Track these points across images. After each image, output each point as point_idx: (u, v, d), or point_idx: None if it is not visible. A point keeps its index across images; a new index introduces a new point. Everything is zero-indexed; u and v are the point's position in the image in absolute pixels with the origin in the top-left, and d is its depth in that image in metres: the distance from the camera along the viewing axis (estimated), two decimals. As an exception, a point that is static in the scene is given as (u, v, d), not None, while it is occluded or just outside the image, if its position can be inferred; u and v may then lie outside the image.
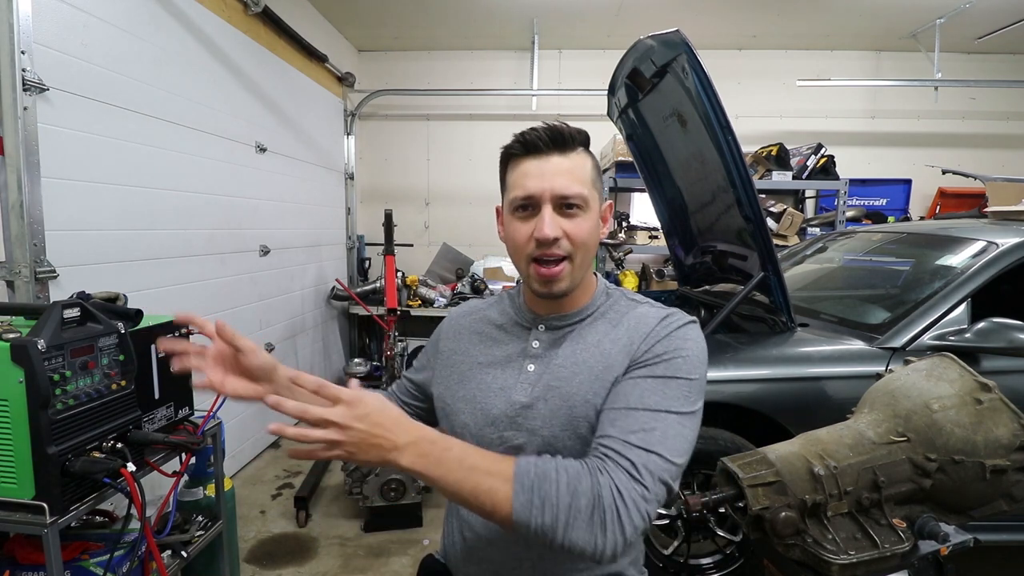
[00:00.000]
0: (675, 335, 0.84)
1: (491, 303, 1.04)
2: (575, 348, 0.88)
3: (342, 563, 2.24)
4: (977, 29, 4.17)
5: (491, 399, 0.89)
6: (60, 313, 1.18)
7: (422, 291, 4.33)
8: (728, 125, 1.85)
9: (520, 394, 0.87)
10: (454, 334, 1.00)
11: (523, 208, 0.85)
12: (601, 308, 0.92)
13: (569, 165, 0.83)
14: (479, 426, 0.89)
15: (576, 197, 0.83)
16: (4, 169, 1.66)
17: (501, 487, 0.68)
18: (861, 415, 1.15)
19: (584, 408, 0.83)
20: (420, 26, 4.36)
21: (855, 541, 0.98)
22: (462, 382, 0.94)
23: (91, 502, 1.22)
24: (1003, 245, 1.90)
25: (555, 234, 0.82)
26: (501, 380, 0.90)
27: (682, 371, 0.80)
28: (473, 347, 0.96)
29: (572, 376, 0.85)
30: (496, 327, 0.97)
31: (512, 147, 0.87)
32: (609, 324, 0.90)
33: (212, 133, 2.70)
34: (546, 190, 0.82)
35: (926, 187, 4.72)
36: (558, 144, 0.83)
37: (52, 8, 1.81)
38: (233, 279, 2.92)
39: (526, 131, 0.85)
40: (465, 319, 1.02)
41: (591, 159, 0.88)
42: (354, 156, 4.68)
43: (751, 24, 4.24)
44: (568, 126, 0.85)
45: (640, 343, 0.84)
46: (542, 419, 0.85)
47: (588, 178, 0.85)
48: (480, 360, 0.94)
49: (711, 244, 2.53)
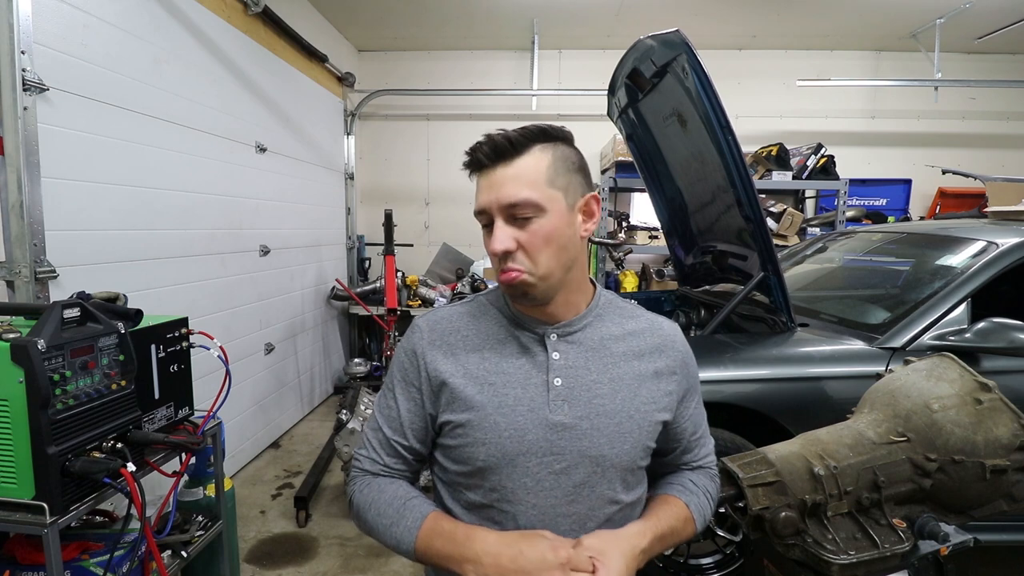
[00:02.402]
0: (690, 355, 0.95)
1: (476, 313, 0.91)
2: (604, 361, 0.87)
3: (342, 563, 2.24)
4: (977, 29, 4.17)
5: (519, 422, 0.81)
6: (60, 313, 1.18)
7: (422, 291, 4.34)
8: (728, 125, 1.85)
9: (557, 413, 0.82)
10: (446, 351, 0.87)
11: (484, 225, 0.84)
12: (606, 309, 0.92)
13: (514, 172, 0.79)
14: (509, 456, 0.81)
15: (522, 203, 0.78)
16: (4, 169, 1.66)
17: (691, 527, 0.92)
18: (861, 415, 1.15)
19: (629, 424, 0.84)
20: (420, 26, 4.36)
21: (855, 541, 0.98)
22: (473, 408, 0.82)
23: (91, 502, 1.22)
24: (1003, 245, 1.90)
25: (505, 246, 0.79)
26: (527, 400, 0.82)
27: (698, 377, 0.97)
28: (476, 366, 0.85)
29: (613, 393, 0.85)
30: (498, 341, 0.87)
31: (466, 165, 0.85)
32: (620, 328, 0.90)
33: (212, 133, 2.70)
34: (492, 203, 0.80)
35: (926, 187, 4.72)
36: (500, 154, 0.80)
37: (52, 8, 1.81)
38: (233, 279, 2.92)
39: (473, 147, 0.82)
40: (452, 336, 0.88)
41: (551, 155, 0.81)
42: (354, 156, 4.68)
43: (751, 24, 4.25)
44: (511, 132, 0.80)
45: (683, 369, 0.92)
46: (589, 439, 0.83)
47: (540, 179, 0.79)
48: (492, 380, 0.84)
49: (711, 244, 2.53)
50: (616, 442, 0.83)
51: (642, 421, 0.85)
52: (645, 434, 0.86)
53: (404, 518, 0.82)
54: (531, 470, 0.81)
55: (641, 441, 0.86)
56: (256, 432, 3.20)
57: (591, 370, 0.85)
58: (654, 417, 0.87)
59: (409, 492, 0.86)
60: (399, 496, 0.85)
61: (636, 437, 0.85)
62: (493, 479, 0.82)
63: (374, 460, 0.89)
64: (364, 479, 0.89)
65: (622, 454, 0.84)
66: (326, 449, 3.11)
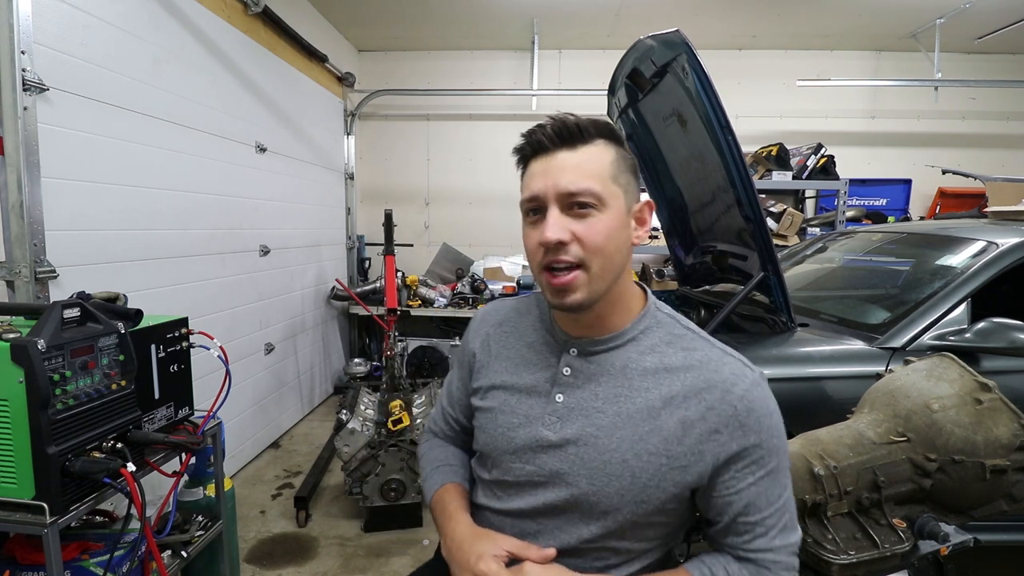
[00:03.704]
0: (761, 413, 0.75)
1: (523, 310, 0.94)
2: (617, 391, 0.78)
3: (342, 563, 2.23)
4: (977, 29, 4.17)
5: (514, 426, 0.83)
6: (60, 313, 1.18)
7: (422, 291, 4.34)
8: (728, 125, 1.84)
9: (547, 429, 0.80)
10: (482, 343, 0.93)
11: (533, 212, 0.77)
12: (646, 333, 0.81)
13: (578, 160, 0.74)
14: (499, 452, 0.84)
15: (585, 193, 0.73)
16: (4, 169, 1.66)
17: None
18: (861, 415, 1.15)
19: (620, 468, 0.75)
20: (420, 26, 4.36)
21: (855, 541, 0.98)
22: (487, 398, 0.88)
23: (91, 502, 1.22)
24: (1003, 245, 1.90)
25: (559, 236, 0.72)
26: (526, 407, 0.83)
27: (782, 451, 0.77)
28: (499, 363, 0.89)
29: (613, 428, 0.76)
30: (527, 345, 0.88)
31: (520, 148, 0.79)
32: (658, 360, 0.78)
33: (212, 133, 2.70)
34: (549, 188, 0.74)
35: (926, 187, 4.72)
36: (565, 139, 0.75)
37: (52, 8, 1.81)
38: (233, 279, 2.92)
39: (533, 128, 0.77)
40: (495, 329, 0.93)
41: (614, 152, 0.77)
42: (354, 156, 4.68)
43: (751, 24, 4.24)
44: (579, 118, 0.76)
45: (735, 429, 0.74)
46: (570, 465, 0.77)
47: (604, 173, 0.74)
48: (505, 379, 0.87)
49: (711, 244, 2.53)
50: (597, 480, 0.76)
51: (641, 472, 0.74)
52: (647, 489, 0.75)
53: (430, 479, 0.96)
54: (513, 471, 0.83)
55: (636, 493, 0.75)
56: (256, 432, 3.20)
57: (598, 396, 0.78)
58: (666, 474, 0.74)
59: (446, 458, 0.98)
60: (437, 459, 0.98)
61: (629, 486, 0.75)
62: (490, 465, 0.89)
63: (435, 422, 1.04)
64: (427, 435, 1.06)
65: (602, 497, 0.76)
66: (326, 449, 3.11)
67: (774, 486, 0.76)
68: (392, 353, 3.01)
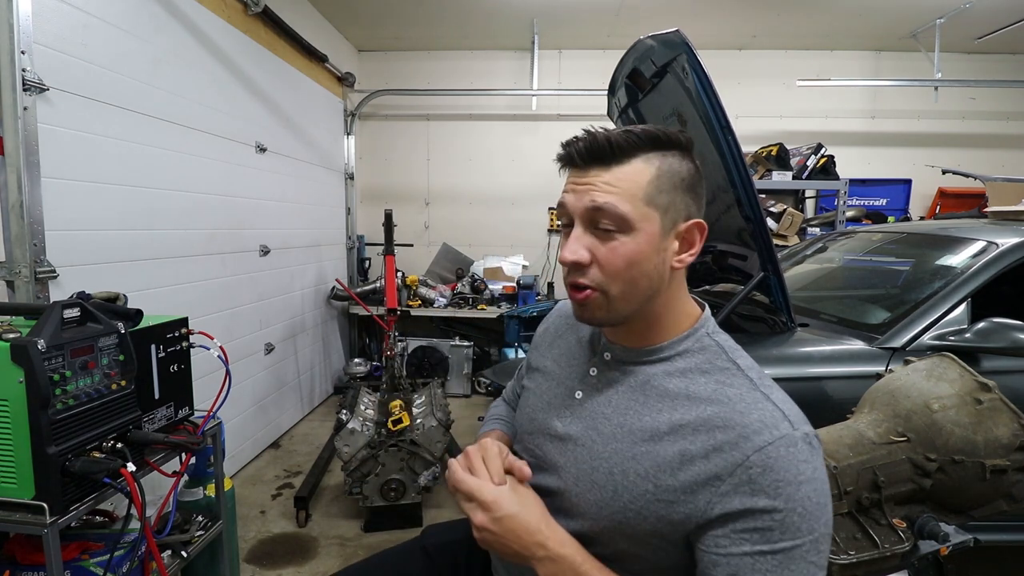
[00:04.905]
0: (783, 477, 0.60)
1: None
2: (629, 404, 0.75)
3: (342, 563, 2.23)
4: (977, 29, 4.17)
5: (537, 408, 0.88)
6: (60, 313, 1.18)
7: (422, 291, 4.34)
8: (728, 125, 1.84)
9: (559, 420, 0.81)
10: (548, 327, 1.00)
11: (565, 227, 0.75)
12: (683, 356, 0.75)
13: (608, 179, 0.70)
14: (522, 429, 0.90)
15: (609, 216, 0.69)
16: (4, 169, 1.66)
17: None
18: (861, 415, 1.15)
19: (605, 478, 0.71)
20: (420, 26, 4.36)
21: (855, 541, 0.98)
22: (531, 377, 0.95)
23: (91, 502, 1.22)
24: (1003, 245, 1.90)
25: (575, 257, 0.71)
26: (552, 395, 0.86)
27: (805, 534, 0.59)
28: (552, 350, 0.94)
29: (610, 438, 0.73)
30: (578, 339, 0.90)
31: (558, 158, 0.76)
32: (684, 386, 0.72)
33: (212, 133, 2.70)
34: (575, 204, 0.72)
35: (926, 187, 4.72)
36: (596, 156, 0.71)
37: (52, 8, 1.81)
38: (233, 279, 2.92)
39: (569, 140, 0.74)
40: (563, 320, 0.97)
41: (656, 167, 0.71)
42: (354, 156, 4.68)
43: (751, 24, 4.24)
44: (612, 134, 0.70)
45: (732, 484, 0.62)
46: (565, 460, 0.78)
47: (638, 193, 0.69)
48: (547, 365, 0.92)
49: (711, 244, 2.53)
50: (582, 483, 0.74)
51: (624, 491, 0.69)
52: (626, 511, 0.69)
53: (486, 425, 1.06)
54: (528, 449, 0.87)
55: (614, 511, 0.70)
56: (256, 432, 3.20)
57: (610, 403, 0.77)
58: (649, 503, 0.67)
59: (500, 414, 1.08)
60: (494, 415, 1.09)
61: (609, 500, 0.70)
62: (516, 437, 0.94)
63: (508, 389, 1.14)
64: (499, 399, 1.16)
65: (581, 501, 0.73)
66: (326, 449, 3.11)
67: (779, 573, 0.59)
68: (392, 353, 3.02)
